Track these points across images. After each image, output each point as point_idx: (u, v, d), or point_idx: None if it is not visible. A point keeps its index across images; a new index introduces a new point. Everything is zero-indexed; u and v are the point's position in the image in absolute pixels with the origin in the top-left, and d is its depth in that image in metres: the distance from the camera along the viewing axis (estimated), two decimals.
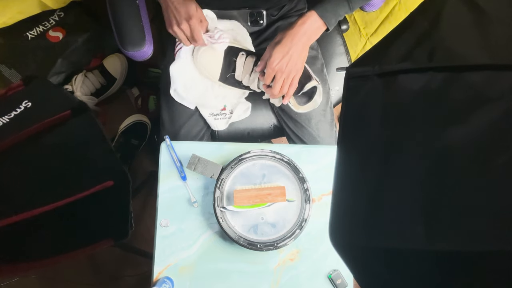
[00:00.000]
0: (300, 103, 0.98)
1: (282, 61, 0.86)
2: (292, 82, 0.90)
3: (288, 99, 0.93)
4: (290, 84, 0.90)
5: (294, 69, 0.88)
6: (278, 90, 0.89)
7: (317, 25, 0.87)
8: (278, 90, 0.89)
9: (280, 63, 0.86)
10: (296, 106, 0.97)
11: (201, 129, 1.04)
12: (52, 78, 1.36)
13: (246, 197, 0.86)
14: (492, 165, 0.31)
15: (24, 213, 0.71)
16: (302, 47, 0.87)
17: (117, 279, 1.48)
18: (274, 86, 0.89)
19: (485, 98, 0.31)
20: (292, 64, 0.87)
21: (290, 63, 0.87)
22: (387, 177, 0.37)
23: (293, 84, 0.90)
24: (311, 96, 0.97)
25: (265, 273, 0.89)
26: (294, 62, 0.87)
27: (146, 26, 0.94)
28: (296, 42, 0.86)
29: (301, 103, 0.98)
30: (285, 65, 0.86)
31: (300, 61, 0.89)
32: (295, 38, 0.86)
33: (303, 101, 0.98)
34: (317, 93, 0.96)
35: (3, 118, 0.77)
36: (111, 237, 0.88)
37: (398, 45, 0.39)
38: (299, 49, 0.87)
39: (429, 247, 0.33)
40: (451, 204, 0.32)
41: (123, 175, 0.83)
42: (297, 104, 0.97)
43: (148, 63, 1.53)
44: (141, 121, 1.48)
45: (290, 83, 0.89)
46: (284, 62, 0.86)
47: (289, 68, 0.87)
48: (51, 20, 1.37)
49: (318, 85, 0.95)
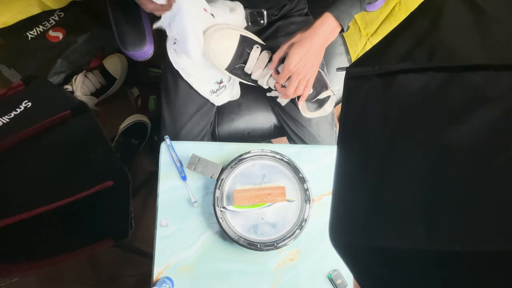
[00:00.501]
0: (310, 108, 0.98)
1: (300, 63, 0.85)
2: (307, 84, 0.89)
3: (303, 101, 0.93)
4: (305, 86, 0.89)
5: (311, 71, 0.87)
6: (293, 91, 0.88)
7: (333, 26, 0.86)
8: (293, 91, 0.88)
9: (298, 65, 0.85)
10: (304, 110, 0.97)
11: (202, 129, 1.04)
12: (52, 78, 1.36)
13: (246, 197, 0.86)
14: (492, 165, 0.31)
15: (24, 213, 0.71)
16: (319, 49, 0.87)
17: (117, 279, 1.48)
18: (289, 87, 0.88)
19: (485, 98, 0.31)
20: (309, 66, 0.86)
21: (307, 65, 0.86)
22: (387, 177, 0.37)
23: (308, 86, 0.89)
24: (322, 104, 0.97)
25: (265, 273, 0.89)
26: (311, 64, 0.86)
27: (146, 26, 0.94)
28: (314, 44, 0.85)
29: (311, 109, 0.98)
30: (302, 67, 0.85)
31: (317, 63, 0.88)
32: (314, 40, 0.84)
33: (313, 107, 0.98)
34: (328, 102, 0.96)
35: (3, 118, 0.77)
36: (111, 237, 0.88)
37: (398, 45, 0.39)
38: (316, 51, 0.86)
39: (429, 247, 0.33)
40: (451, 204, 0.32)
41: (123, 175, 0.83)
42: (307, 109, 0.97)
43: (148, 63, 1.53)
44: (141, 121, 1.48)
45: (306, 85, 0.89)
46: (302, 64, 0.85)
47: (306, 70, 0.86)
48: (51, 20, 1.37)
49: (332, 95, 0.95)
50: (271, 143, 1.28)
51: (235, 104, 1.10)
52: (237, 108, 1.11)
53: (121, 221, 0.88)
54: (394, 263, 0.37)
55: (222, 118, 1.11)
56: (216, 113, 1.11)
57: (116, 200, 0.85)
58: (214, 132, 1.11)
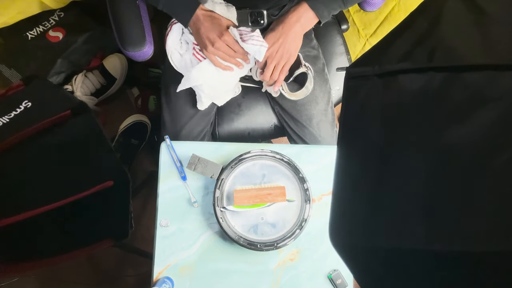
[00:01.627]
0: (292, 90, 0.99)
1: (273, 48, 0.88)
2: (283, 69, 0.91)
3: (279, 86, 0.94)
4: (280, 71, 0.91)
5: (286, 56, 0.90)
6: (269, 76, 0.91)
7: (309, 15, 0.89)
8: (269, 76, 0.91)
9: (271, 50, 0.88)
10: (289, 93, 0.98)
11: (203, 129, 1.04)
12: (52, 78, 1.36)
13: (246, 197, 0.86)
14: (492, 165, 0.31)
15: (24, 213, 0.71)
16: (294, 35, 0.89)
17: (117, 279, 1.48)
18: (264, 72, 0.91)
19: (485, 98, 0.31)
20: (283, 51, 0.89)
21: (281, 49, 0.89)
22: (387, 177, 0.37)
23: (284, 70, 0.92)
24: (302, 83, 0.98)
25: (265, 273, 0.89)
26: (285, 49, 0.89)
27: (146, 26, 0.94)
28: (287, 29, 0.88)
29: (293, 90, 0.99)
30: (275, 51, 0.89)
31: (293, 48, 0.90)
32: (286, 25, 0.88)
33: (295, 88, 0.99)
34: (308, 80, 0.97)
35: (3, 118, 0.77)
36: (111, 237, 0.88)
37: (398, 45, 0.39)
38: (291, 36, 0.89)
39: (429, 247, 0.33)
40: (451, 204, 0.32)
41: (123, 175, 0.83)
42: (290, 92, 0.98)
43: (148, 63, 1.53)
44: (141, 121, 1.48)
45: (281, 69, 0.91)
46: (275, 48, 0.88)
47: (280, 54, 0.89)
48: (51, 20, 1.37)
49: (307, 71, 0.96)
50: (271, 143, 1.28)
51: (235, 104, 1.10)
52: (237, 108, 1.11)
53: (121, 221, 0.88)
54: (394, 263, 0.37)
55: (222, 118, 1.11)
56: (216, 113, 1.11)
57: (116, 200, 0.85)
58: (214, 132, 1.11)
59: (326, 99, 1.04)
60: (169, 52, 0.95)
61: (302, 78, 0.97)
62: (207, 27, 0.85)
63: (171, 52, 0.95)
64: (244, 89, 1.09)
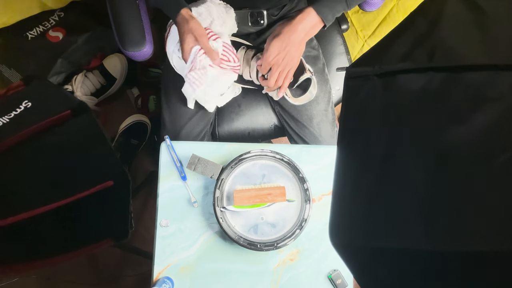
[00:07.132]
0: (295, 95, 0.99)
1: (279, 56, 0.88)
2: (287, 75, 0.91)
3: (283, 92, 0.95)
4: (285, 77, 0.91)
5: (290, 63, 0.90)
6: (273, 82, 0.91)
7: (315, 21, 0.89)
8: (273, 82, 0.91)
9: (277, 58, 0.88)
10: (292, 98, 0.98)
11: (202, 129, 1.04)
12: (52, 78, 1.36)
13: (246, 197, 0.86)
14: (492, 165, 0.31)
15: (24, 213, 0.71)
16: (299, 43, 0.89)
17: (117, 279, 1.48)
18: (269, 79, 0.91)
19: (485, 98, 0.31)
20: (289, 58, 0.89)
21: (286, 57, 0.88)
22: (387, 177, 0.37)
23: (288, 77, 0.92)
24: (306, 88, 0.98)
25: (265, 273, 0.89)
26: (290, 57, 0.89)
27: (146, 26, 0.94)
28: (294, 38, 0.88)
29: (296, 95, 0.99)
30: (281, 59, 0.88)
31: (297, 55, 0.90)
32: (293, 34, 0.87)
33: (298, 93, 0.99)
34: (311, 85, 0.97)
35: (3, 118, 0.77)
36: (111, 237, 0.88)
37: (398, 45, 0.39)
38: (296, 45, 0.89)
39: (429, 247, 0.33)
40: (451, 204, 0.32)
41: (123, 175, 0.83)
42: (293, 97, 0.98)
43: (148, 63, 1.53)
44: (141, 121, 1.48)
45: (285, 76, 0.91)
46: (281, 56, 0.88)
47: (285, 62, 0.89)
48: (51, 20, 1.37)
49: (311, 77, 0.96)
50: (271, 143, 1.28)
51: (235, 104, 1.10)
52: (237, 108, 1.11)
53: (121, 221, 0.88)
54: (394, 263, 0.37)
55: (222, 118, 1.11)
56: (216, 113, 1.10)
57: (116, 200, 0.85)
58: (214, 132, 1.11)
59: (327, 99, 1.04)
60: (169, 54, 0.95)
61: (305, 83, 0.97)
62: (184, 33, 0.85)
63: (171, 54, 0.95)
64: (244, 89, 1.09)
